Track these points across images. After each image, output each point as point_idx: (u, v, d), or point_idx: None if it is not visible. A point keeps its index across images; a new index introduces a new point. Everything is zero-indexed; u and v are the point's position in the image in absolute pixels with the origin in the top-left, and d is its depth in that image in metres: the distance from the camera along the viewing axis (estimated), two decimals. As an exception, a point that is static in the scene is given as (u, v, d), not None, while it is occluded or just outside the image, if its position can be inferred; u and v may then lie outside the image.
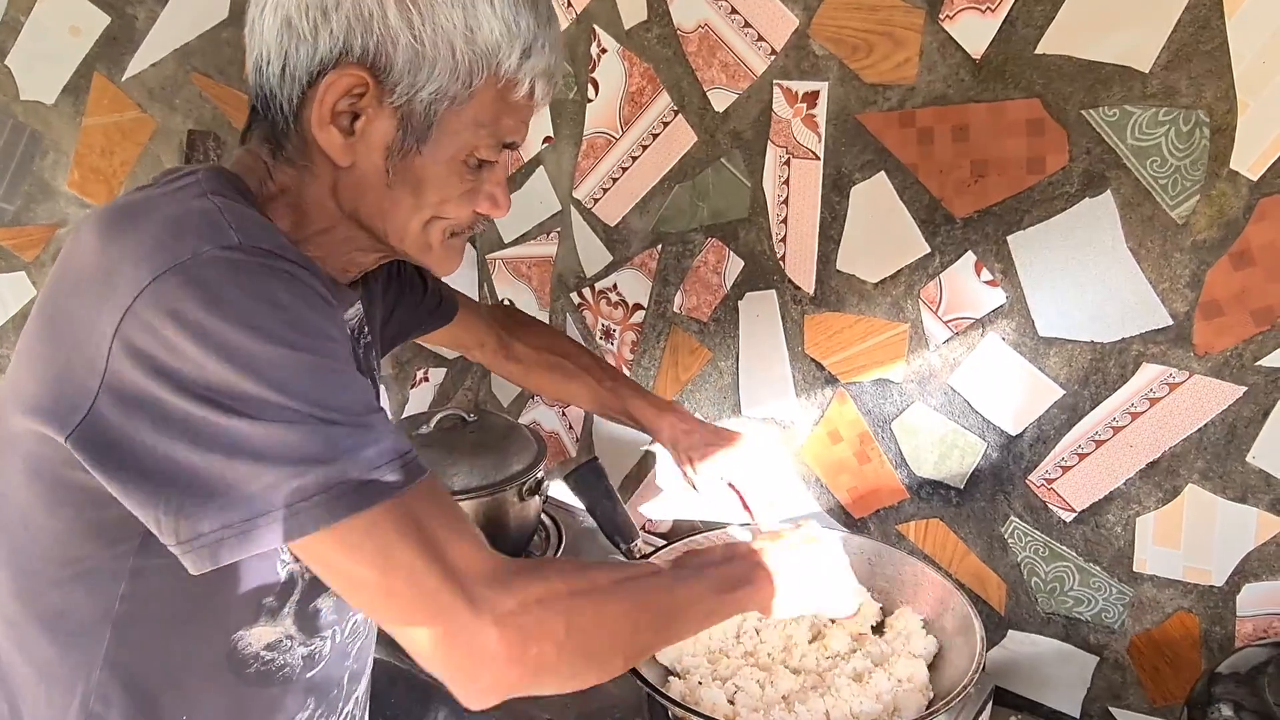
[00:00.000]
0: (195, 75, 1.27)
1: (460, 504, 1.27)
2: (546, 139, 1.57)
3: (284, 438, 0.58)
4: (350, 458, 0.60)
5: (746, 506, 1.14)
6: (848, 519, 1.38)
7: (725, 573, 0.82)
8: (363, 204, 0.74)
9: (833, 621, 1.09)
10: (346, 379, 0.63)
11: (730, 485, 1.14)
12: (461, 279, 1.76)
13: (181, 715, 0.75)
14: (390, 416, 1.67)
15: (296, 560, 0.76)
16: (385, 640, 1.03)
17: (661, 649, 0.75)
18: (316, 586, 0.79)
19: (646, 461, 1.59)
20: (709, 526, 1.22)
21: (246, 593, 0.74)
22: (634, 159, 1.46)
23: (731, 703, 0.98)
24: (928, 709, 0.95)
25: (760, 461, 1.13)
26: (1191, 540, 1.08)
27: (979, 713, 1.12)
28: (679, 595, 0.76)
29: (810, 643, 1.08)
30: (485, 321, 1.22)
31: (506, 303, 1.71)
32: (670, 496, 1.21)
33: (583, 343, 1.63)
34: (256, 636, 0.77)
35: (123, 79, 1.22)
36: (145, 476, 0.60)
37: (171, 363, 0.58)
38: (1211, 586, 1.08)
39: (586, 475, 1.16)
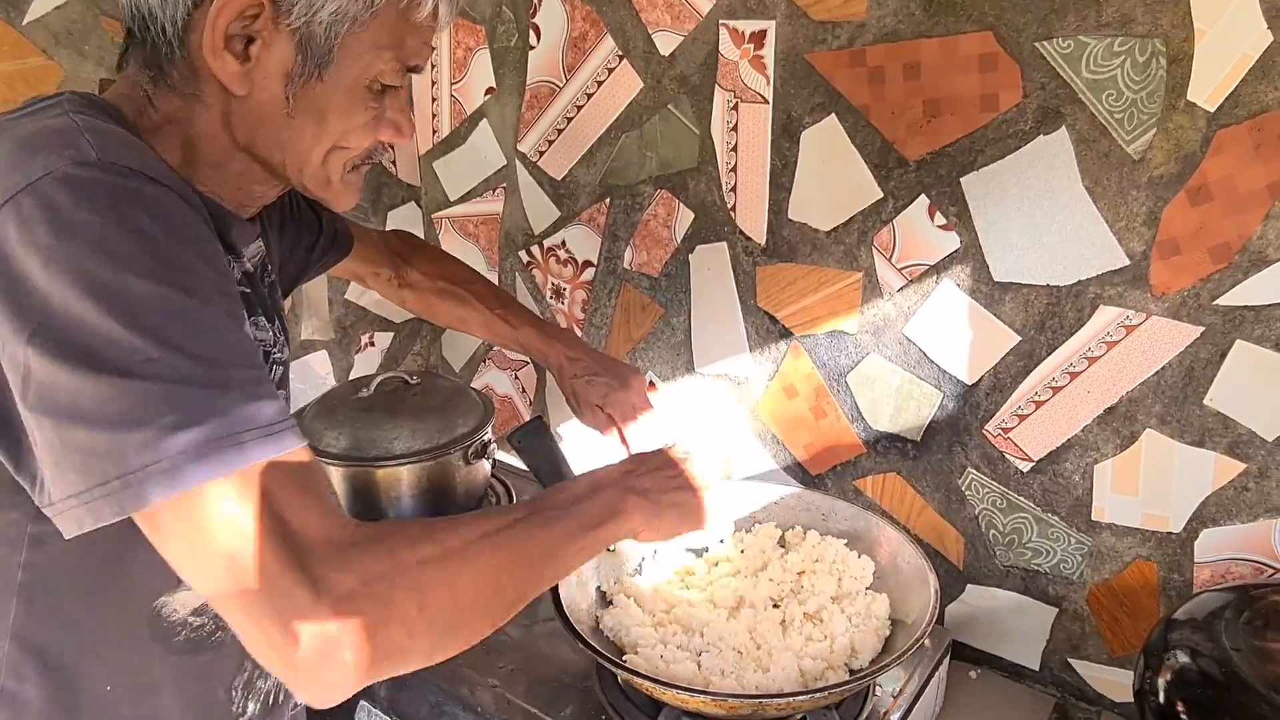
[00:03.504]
0: (105, 19, 1.19)
1: (400, 469, 1.22)
2: (489, 90, 1.51)
3: (127, 392, 0.52)
4: (204, 419, 0.53)
5: (624, 438, 1.12)
6: (805, 476, 1.34)
7: (592, 506, 0.76)
8: (259, 135, 0.68)
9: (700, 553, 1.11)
10: (211, 323, 0.57)
11: (608, 415, 1.12)
12: (407, 240, 1.70)
13: (105, 687, 0.71)
14: (335, 380, 1.60)
15: None
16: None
17: (533, 597, 0.68)
18: None
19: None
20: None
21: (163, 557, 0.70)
22: (579, 108, 1.40)
23: (662, 659, 0.95)
24: (879, 663, 0.92)
25: (640, 394, 1.13)
26: (1150, 487, 1.05)
27: (936, 666, 1.09)
28: (543, 541, 0.70)
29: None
30: (379, 250, 1.19)
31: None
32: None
33: (533, 303, 1.58)
34: (181, 602, 0.73)
35: (24, 23, 1.13)
36: (13, 433, 0.55)
37: (22, 298, 0.52)
38: (1169, 533, 1.06)
39: (530, 435, 1.11)
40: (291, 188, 0.75)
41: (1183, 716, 0.82)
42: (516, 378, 1.70)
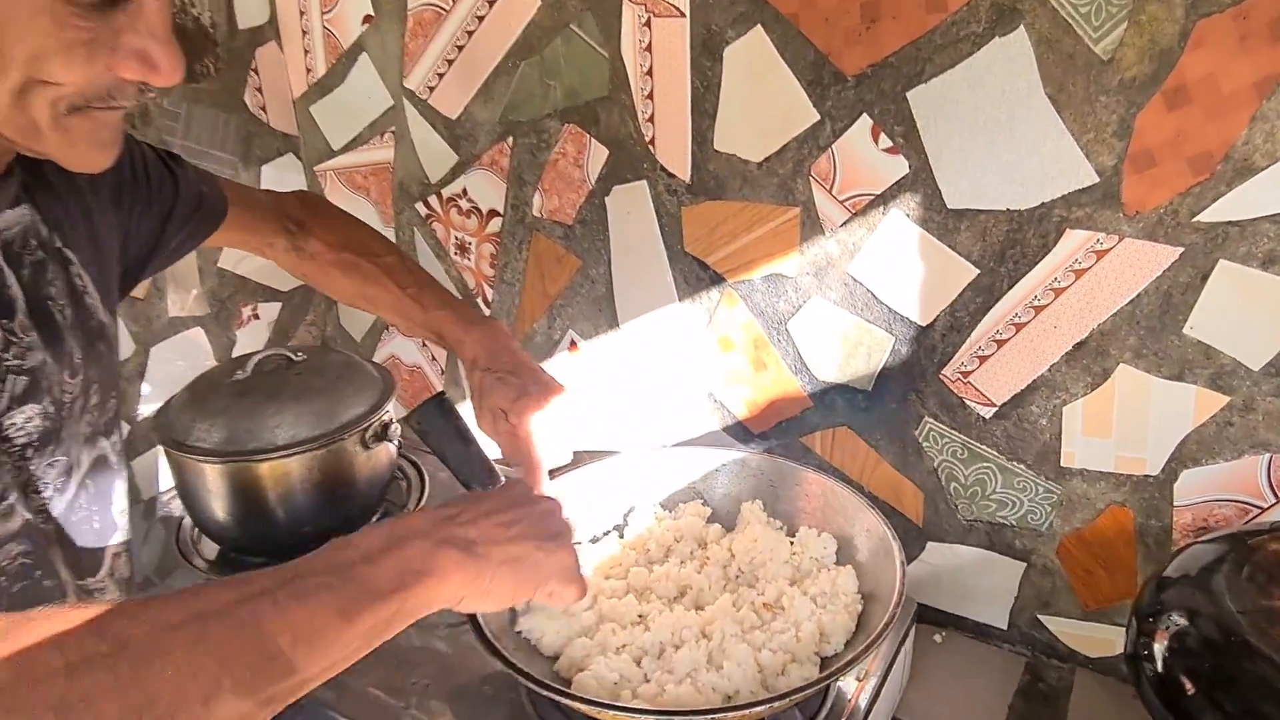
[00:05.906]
0: None
1: (287, 461, 1.06)
2: (366, 18, 1.32)
3: None
4: None
5: (529, 453, 0.94)
6: (746, 435, 1.22)
7: (383, 568, 0.56)
8: None
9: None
10: None
11: (511, 425, 0.93)
12: (290, 197, 1.50)
13: None
14: (216, 362, 1.41)
15: None
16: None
17: (293, 699, 0.50)
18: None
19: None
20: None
21: None
22: (469, 34, 1.22)
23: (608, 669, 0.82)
24: (853, 649, 0.81)
25: (552, 407, 0.94)
26: (1124, 427, 0.96)
27: (903, 640, 0.99)
28: (296, 621, 0.51)
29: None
30: (269, 216, 1.00)
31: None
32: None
33: (436, 261, 1.42)
34: None
35: None
36: None
37: None
38: (1146, 476, 0.96)
39: (431, 414, 0.95)
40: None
41: (1187, 688, 0.72)
42: (425, 345, 1.54)
